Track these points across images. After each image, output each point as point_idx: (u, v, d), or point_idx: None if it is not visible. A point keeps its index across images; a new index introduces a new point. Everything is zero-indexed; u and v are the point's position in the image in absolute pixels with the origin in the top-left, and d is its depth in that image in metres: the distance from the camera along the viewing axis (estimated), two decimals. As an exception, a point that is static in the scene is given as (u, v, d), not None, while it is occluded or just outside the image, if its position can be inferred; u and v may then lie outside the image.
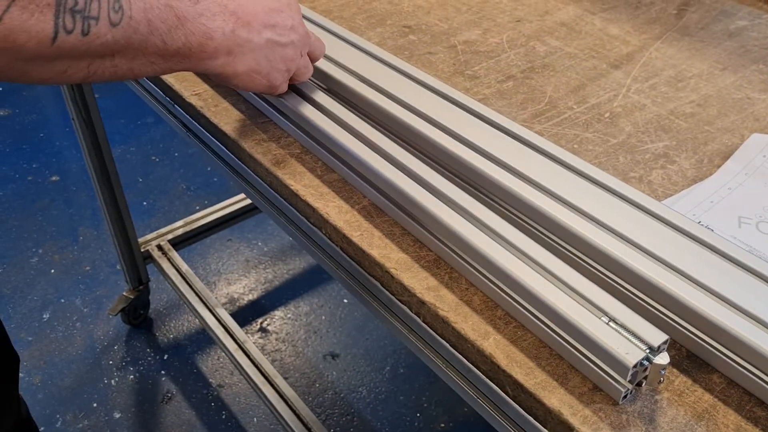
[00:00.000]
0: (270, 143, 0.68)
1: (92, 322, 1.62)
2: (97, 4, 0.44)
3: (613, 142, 0.68)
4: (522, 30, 0.88)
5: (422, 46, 0.84)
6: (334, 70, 0.70)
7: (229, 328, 1.35)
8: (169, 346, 1.57)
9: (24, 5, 0.40)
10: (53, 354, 1.55)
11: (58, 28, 0.42)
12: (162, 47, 0.50)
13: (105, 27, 0.45)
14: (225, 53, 0.55)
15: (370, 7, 0.93)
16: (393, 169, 0.59)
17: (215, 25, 0.53)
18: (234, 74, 0.57)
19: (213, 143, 0.74)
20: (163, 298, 1.68)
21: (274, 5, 0.60)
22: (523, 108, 0.73)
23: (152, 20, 0.48)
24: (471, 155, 0.60)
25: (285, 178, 0.64)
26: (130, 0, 0.46)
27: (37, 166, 2.09)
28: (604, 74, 0.79)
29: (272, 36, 0.59)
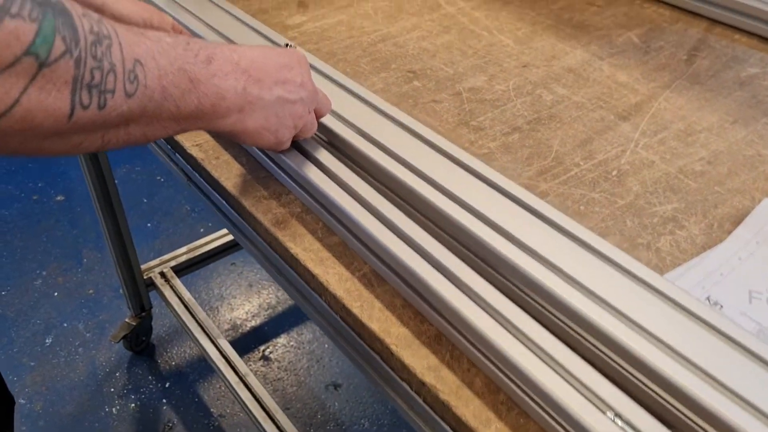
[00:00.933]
0: (271, 201, 0.67)
1: (94, 348, 1.61)
2: (113, 77, 0.44)
3: (621, 203, 0.67)
4: (528, 76, 0.86)
5: (427, 93, 0.83)
6: (338, 126, 0.69)
7: (231, 360, 1.34)
8: (170, 373, 1.56)
9: (41, 85, 0.39)
10: (55, 380, 1.54)
11: (74, 104, 0.42)
12: (175, 112, 0.50)
13: (121, 98, 0.45)
14: (236, 111, 0.55)
15: (375, 50, 0.92)
16: (394, 237, 0.58)
17: (228, 84, 0.53)
18: (243, 131, 0.57)
19: (213, 196, 0.73)
20: (165, 323, 1.67)
21: (285, 61, 0.60)
22: (528, 164, 0.72)
23: (166, 86, 0.48)
24: (472, 222, 0.58)
25: (285, 240, 0.63)
26: (145, 68, 0.46)
27: (42, 185, 2.09)
28: (612, 127, 0.77)
29: (282, 93, 0.59)
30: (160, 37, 0.49)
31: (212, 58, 0.52)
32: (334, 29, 0.98)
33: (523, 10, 1.02)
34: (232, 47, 0.57)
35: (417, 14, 1.01)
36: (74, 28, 0.41)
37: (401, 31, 0.97)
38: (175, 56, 0.49)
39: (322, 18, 1.01)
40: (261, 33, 0.85)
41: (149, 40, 0.48)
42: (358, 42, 0.94)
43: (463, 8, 1.03)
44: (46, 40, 0.38)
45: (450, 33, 0.96)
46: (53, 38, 0.39)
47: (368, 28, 0.98)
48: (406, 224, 0.59)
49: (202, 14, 0.90)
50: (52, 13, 0.39)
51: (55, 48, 0.39)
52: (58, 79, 0.40)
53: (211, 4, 0.92)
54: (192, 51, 0.51)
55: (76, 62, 0.41)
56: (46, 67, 0.39)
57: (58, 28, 0.39)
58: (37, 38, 0.38)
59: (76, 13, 0.42)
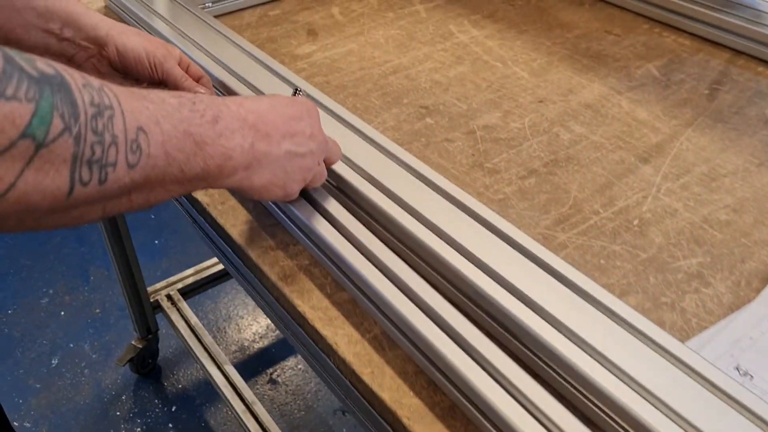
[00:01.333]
0: (278, 252, 0.65)
1: (100, 370, 1.60)
2: (114, 149, 0.41)
3: (643, 257, 0.64)
4: (544, 113, 0.84)
5: (440, 132, 0.80)
6: (348, 172, 0.67)
7: (238, 387, 1.31)
8: (177, 396, 1.54)
9: (39, 166, 0.37)
10: (60, 403, 1.52)
11: (74, 182, 0.39)
12: (180, 176, 0.47)
13: (123, 171, 0.42)
14: (243, 168, 0.52)
15: (386, 83, 0.90)
16: (405, 299, 0.55)
17: (235, 143, 0.51)
18: (250, 188, 0.55)
19: (219, 242, 0.71)
20: (172, 344, 1.65)
21: (294, 112, 0.57)
22: (546, 211, 0.69)
23: (170, 152, 0.46)
24: (487, 282, 0.55)
25: (293, 296, 0.60)
26: (149, 136, 0.44)
27: (49, 200, 2.07)
28: (633, 170, 0.74)
29: (291, 147, 0.56)
30: (164, 99, 0.47)
31: (219, 116, 0.50)
32: (344, 59, 0.95)
33: (538, 39, 1.00)
34: (240, 100, 0.54)
35: (429, 43, 0.99)
36: (74, 103, 0.39)
37: (413, 61, 0.94)
38: (180, 118, 0.47)
39: (331, 47, 0.98)
40: (269, 67, 0.83)
41: (153, 103, 0.46)
42: (369, 74, 0.92)
43: (476, 37, 1.00)
44: (43, 120, 0.36)
45: (463, 64, 0.94)
46: (51, 117, 0.37)
47: (379, 59, 0.95)
48: (418, 285, 0.56)
49: (209, 47, 0.87)
50: (50, 89, 0.37)
51: (53, 127, 0.37)
52: (56, 159, 0.38)
53: (219, 36, 0.90)
54: (198, 111, 0.49)
55: (76, 139, 0.38)
56: (44, 147, 0.37)
57: (56, 105, 0.37)
58: (33, 119, 0.36)
59: (76, 86, 0.39)
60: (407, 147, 0.78)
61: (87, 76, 0.41)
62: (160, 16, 0.96)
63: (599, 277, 0.62)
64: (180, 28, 0.92)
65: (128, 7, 1.00)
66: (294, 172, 0.58)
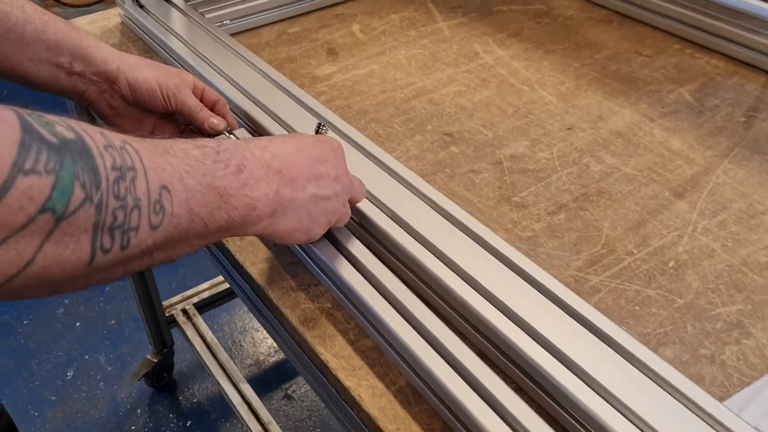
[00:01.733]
0: (299, 293, 0.62)
1: (116, 383, 1.58)
2: (137, 213, 0.40)
3: (680, 303, 0.61)
4: (574, 141, 0.81)
5: (465, 162, 0.78)
6: (371, 210, 0.64)
7: (253, 406, 1.30)
8: (192, 411, 1.53)
9: (59, 239, 0.35)
10: (76, 416, 1.51)
11: (95, 251, 0.38)
12: (203, 230, 0.46)
13: (145, 233, 0.41)
14: (268, 216, 0.51)
15: (409, 107, 0.87)
16: (430, 350, 0.53)
17: (260, 192, 0.49)
18: (274, 234, 0.53)
19: (238, 278, 0.69)
20: (187, 358, 1.63)
21: (319, 154, 0.55)
22: (577, 251, 0.66)
23: (194, 209, 0.44)
24: (516, 333, 0.53)
25: (315, 343, 0.58)
26: (172, 194, 0.42)
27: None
28: (667, 205, 0.71)
29: (316, 190, 0.54)
30: (187, 150, 0.45)
31: (243, 165, 0.48)
32: (365, 82, 0.93)
33: (566, 61, 0.97)
34: (264, 143, 0.52)
35: (453, 64, 0.96)
36: (95, 170, 0.37)
37: (437, 84, 0.92)
38: (204, 171, 0.45)
39: (352, 68, 0.96)
40: (287, 91, 0.80)
41: (176, 157, 0.44)
42: (391, 98, 0.89)
43: (502, 57, 0.98)
44: (64, 192, 0.35)
45: (488, 87, 0.91)
46: (72, 188, 0.35)
47: (401, 81, 0.93)
48: (444, 335, 0.54)
49: (226, 68, 0.85)
50: (71, 157, 0.35)
51: (74, 198, 0.35)
52: (76, 230, 0.36)
53: (236, 57, 0.88)
54: (222, 162, 0.47)
55: (97, 207, 0.37)
56: (64, 220, 0.35)
57: (77, 174, 0.36)
58: (54, 192, 0.34)
59: (98, 149, 0.38)
60: (431, 178, 0.75)
61: (108, 134, 0.40)
62: (176, 34, 0.94)
63: (634, 326, 0.59)
64: (196, 48, 0.90)
65: (144, 24, 0.98)
66: (319, 216, 0.56)
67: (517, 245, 0.67)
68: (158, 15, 0.99)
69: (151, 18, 1.00)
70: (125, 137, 0.41)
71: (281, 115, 0.76)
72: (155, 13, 1.00)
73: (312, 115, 0.77)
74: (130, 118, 0.70)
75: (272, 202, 0.50)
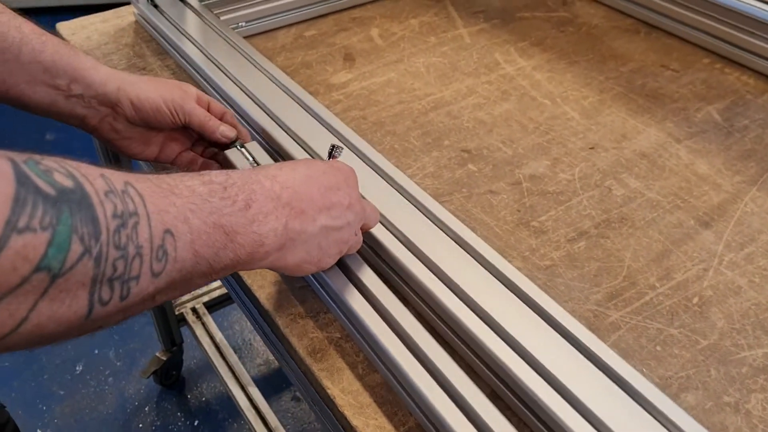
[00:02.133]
0: (307, 320, 0.60)
1: (124, 378, 1.58)
2: (138, 261, 0.37)
3: (703, 344, 0.58)
4: (596, 162, 0.78)
5: (483, 182, 0.75)
6: (384, 235, 0.62)
7: (261, 411, 1.28)
8: (200, 410, 1.52)
9: (54, 296, 0.33)
10: (84, 412, 1.51)
11: (93, 304, 0.36)
12: (207, 270, 0.44)
13: (146, 281, 0.39)
14: (276, 250, 0.48)
15: (426, 120, 0.85)
16: (443, 396, 0.51)
17: (268, 228, 0.47)
18: (283, 267, 0.51)
19: (246, 301, 0.67)
20: (196, 355, 1.62)
21: (331, 182, 0.53)
22: (596, 283, 0.64)
23: (199, 250, 0.42)
24: (533, 378, 0.51)
25: (322, 376, 0.56)
26: (176, 238, 0.40)
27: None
28: (692, 235, 0.68)
29: (327, 221, 0.52)
30: (193, 188, 0.43)
31: (252, 200, 0.46)
32: (382, 91, 0.90)
33: (589, 73, 0.93)
34: (274, 172, 0.50)
35: (473, 74, 0.93)
36: (95, 220, 0.35)
37: (455, 96, 0.89)
38: (210, 210, 0.43)
39: (369, 76, 0.93)
40: (301, 101, 0.78)
41: (181, 197, 0.42)
42: (408, 109, 0.87)
43: (524, 68, 0.95)
44: (60, 248, 0.33)
45: (509, 101, 0.88)
46: (69, 243, 0.33)
47: (419, 91, 0.90)
48: (453, 373, 0.51)
49: (240, 75, 0.83)
50: (69, 209, 0.33)
51: (72, 253, 0.33)
52: (73, 285, 0.34)
53: (251, 64, 0.85)
54: (229, 198, 0.45)
55: (96, 260, 0.35)
56: (60, 277, 0.33)
57: (75, 227, 0.33)
58: (49, 249, 0.32)
59: (98, 198, 0.35)
60: (448, 198, 0.73)
61: (110, 177, 0.37)
62: (190, 37, 0.92)
63: (655, 368, 0.56)
64: (210, 52, 0.88)
65: (158, 25, 0.96)
66: (329, 247, 0.54)
67: (534, 275, 0.64)
68: (172, 16, 0.97)
69: (165, 19, 0.97)
70: (128, 177, 0.39)
71: (295, 129, 0.73)
72: (169, 13, 0.97)
73: (326, 129, 0.74)
74: (137, 140, 0.68)
75: (281, 236, 0.48)
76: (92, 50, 0.97)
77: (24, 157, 0.33)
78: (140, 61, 0.94)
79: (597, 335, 0.58)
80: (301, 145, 0.73)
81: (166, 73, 0.92)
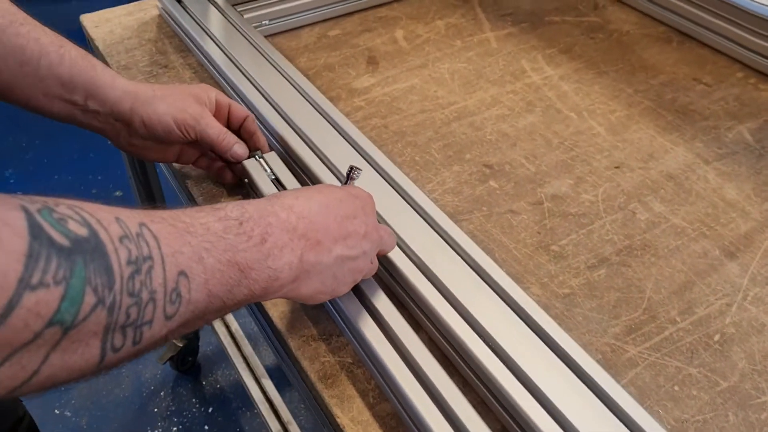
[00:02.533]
0: (320, 343, 0.60)
1: (141, 363, 1.60)
2: (152, 306, 0.37)
3: (723, 386, 0.57)
4: (621, 182, 0.76)
5: (504, 200, 0.74)
6: (399, 258, 0.61)
7: (275, 404, 1.29)
8: (214, 397, 1.53)
9: (66, 347, 0.33)
10: (101, 395, 1.53)
11: (105, 352, 0.35)
12: (220, 307, 0.43)
13: (159, 325, 0.38)
14: (290, 282, 0.48)
15: (449, 131, 0.83)
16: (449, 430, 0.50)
17: (283, 262, 0.46)
18: (296, 297, 0.51)
19: (260, 318, 0.67)
20: (213, 342, 1.64)
21: (348, 211, 0.53)
22: (615, 315, 0.62)
23: (212, 290, 0.41)
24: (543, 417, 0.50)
25: (332, 403, 0.56)
26: (190, 280, 0.39)
27: (102, 178, 2.08)
28: (717, 267, 0.67)
29: (343, 251, 0.52)
30: (208, 226, 0.42)
31: (267, 234, 0.45)
32: (405, 98, 0.88)
33: (618, 85, 0.91)
34: (289, 202, 0.49)
35: (498, 83, 0.91)
36: (109, 270, 0.34)
37: (479, 105, 0.87)
38: (225, 247, 0.42)
39: (392, 81, 0.91)
40: (321, 109, 0.77)
41: (196, 236, 0.41)
42: (431, 119, 0.85)
43: (550, 77, 0.92)
44: (73, 301, 0.32)
45: (533, 113, 0.86)
46: (83, 295, 0.32)
47: (443, 100, 0.88)
48: (464, 412, 0.51)
49: (260, 79, 0.82)
50: (83, 260, 0.33)
51: (85, 305, 0.33)
52: (86, 335, 0.34)
53: (272, 68, 0.84)
54: (245, 233, 0.44)
55: (110, 310, 0.34)
56: (73, 329, 0.33)
57: (89, 279, 0.33)
58: (62, 304, 0.32)
59: (112, 245, 0.35)
60: (467, 217, 0.71)
61: (125, 219, 0.37)
62: (213, 35, 0.91)
63: (672, 409, 0.55)
64: (232, 53, 0.87)
65: (181, 21, 0.95)
66: (344, 276, 0.53)
67: (552, 303, 0.63)
68: (195, 12, 0.96)
69: (188, 15, 0.96)
70: (144, 218, 0.38)
71: (313, 138, 0.73)
72: (193, 9, 0.96)
73: (345, 139, 0.73)
74: (154, 150, 0.68)
75: (296, 269, 0.47)
76: (115, 45, 0.96)
77: (38, 205, 0.33)
78: (162, 59, 0.93)
79: (614, 371, 0.58)
80: (318, 155, 0.72)
81: (187, 72, 0.91)
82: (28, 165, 2.14)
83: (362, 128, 0.83)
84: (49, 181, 2.07)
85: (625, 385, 0.57)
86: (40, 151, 2.20)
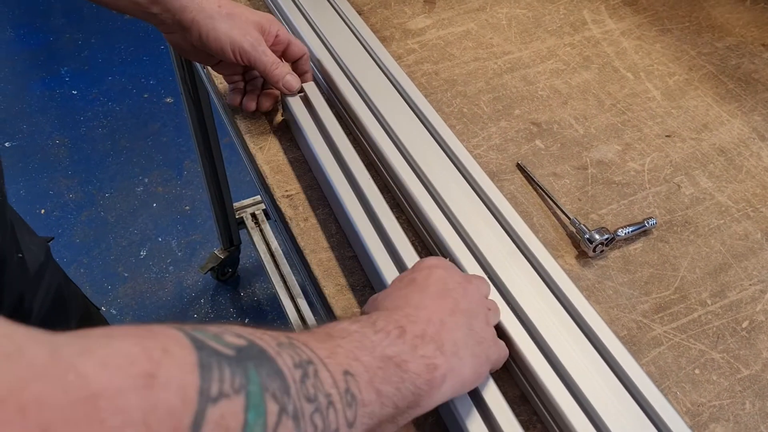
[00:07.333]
0: (350, 294, 0.62)
1: (184, 268, 1.66)
2: (333, 411, 0.35)
3: (744, 374, 0.58)
4: (670, 153, 0.75)
5: (548, 161, 0.73)
6: (437, 218, 0.62)
7: (308, 323, 1.34)
8: (251, 308, 1.60)
9: None
10: (144, 295, 1.61)
11: None
12: (394, 413, 0.41)
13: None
14: (449, 369, 0.45)
15: (500, 83, 0.82)
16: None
17: (430, 349, 0.44)
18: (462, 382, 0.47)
19: (295, 254, 0.69)
20: (253, 255, 1.69)
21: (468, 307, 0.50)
22: (647, 292, 0.63)
23: (380, 389, 0.39)
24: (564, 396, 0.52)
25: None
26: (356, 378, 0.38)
27: (154, 83, 2.10)
28: (756, 250, 0.66)
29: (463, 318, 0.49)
30: (347, 329, 0.41)
31: (403, 326, 0.44)
32: (459, 43, 0.87)
33: (681, 45, 0.88)
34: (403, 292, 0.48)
35: (556, 33, 0.89)
36: (280, 374, 0.32)
37: (533, 58, 0.85)
38: (371, 345, 0.41)
39: (448, 24, 0.90)
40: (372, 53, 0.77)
41: (341, 338, 0.40)
42: (483, 68, 0.84)
43: (611, 31, 0.89)
44: (258, 411, 0.30)
45: (589, 69, 0.84)
46: (264, 403, 0.30)
47: (497, 48, 0.87)
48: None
49: (314, 14, 0.82)
50: (254, 365, 0.31)
51: (270, 414, 0.30)
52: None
53: (326, 2, 0.83)
54: (383, 330, 0.43)
55: (295, 419, 0.32)
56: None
57: (265, 385, 0.31)
58: (248, 415, 0.29)
59: (274, 350, 0.33)
60: (509, 177, 0.72)
61: (272, 334, 0.35)
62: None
63: (689, 392, 0.57)
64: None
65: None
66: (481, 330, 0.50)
67: (585, 274, 0.64)
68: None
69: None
70: (284, 334, 0.37)
71: (364, 86, 0.73)
72: (251, -68, 0.95)
73: (393, 86, 0.73)
74: (203, 56, 0.71)
75: (444, 350, 0.45)
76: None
77: (189, 327, 0.31)
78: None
79: (637, 348, 0.59)
80: (365, 100, 0.72)
81: (242, 0, 0.90)
82: (83, 63, 2.17)
83: (413, 73, 0.82)
84: (103, 82, 2.10)
85: (645, 363, 0.58)
86: (95, 49, 2.22)
